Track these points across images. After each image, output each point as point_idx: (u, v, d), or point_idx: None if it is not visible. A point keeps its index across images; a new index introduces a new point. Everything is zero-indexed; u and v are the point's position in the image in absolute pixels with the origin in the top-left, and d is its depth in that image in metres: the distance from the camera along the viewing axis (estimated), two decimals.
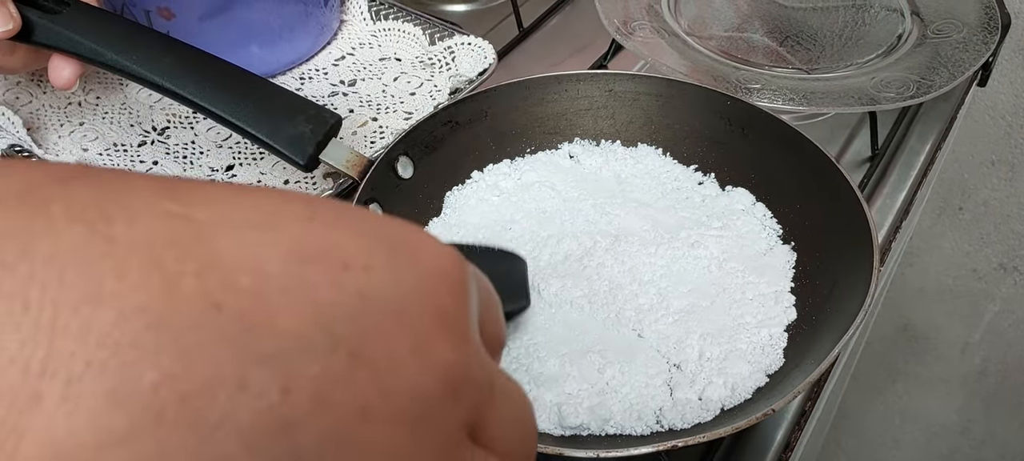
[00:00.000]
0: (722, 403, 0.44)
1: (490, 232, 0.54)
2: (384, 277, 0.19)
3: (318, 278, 0.18)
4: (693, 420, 0.44)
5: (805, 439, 0.55)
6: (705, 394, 0.45)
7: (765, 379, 0.46)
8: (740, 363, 0.46)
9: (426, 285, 0.20)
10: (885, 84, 0.64)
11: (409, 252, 0.20)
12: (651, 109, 0.60)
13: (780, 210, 0.55)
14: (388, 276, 0.19)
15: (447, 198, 0.57)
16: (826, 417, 0.96)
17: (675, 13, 0.74)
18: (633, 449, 0.40)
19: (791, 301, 0.50)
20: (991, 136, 1.01)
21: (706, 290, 0.50)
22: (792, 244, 0.53)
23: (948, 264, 1.15)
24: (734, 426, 0.40)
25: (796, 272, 0.52)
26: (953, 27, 0.69)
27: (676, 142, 0.59)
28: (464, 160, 0.58)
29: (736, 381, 0.45)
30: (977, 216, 1.09)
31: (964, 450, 1.33)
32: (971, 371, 1.23)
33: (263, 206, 0.19)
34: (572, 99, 0.59)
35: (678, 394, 0.45)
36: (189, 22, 0.65)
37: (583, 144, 0.60)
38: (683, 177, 0.58)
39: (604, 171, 0.58)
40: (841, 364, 0.70)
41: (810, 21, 0.74)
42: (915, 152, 0.69)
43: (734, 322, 0.49)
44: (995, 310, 1.15)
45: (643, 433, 0.43)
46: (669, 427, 0.43)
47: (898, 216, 0.64)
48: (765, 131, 0.56)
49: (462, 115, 0.57)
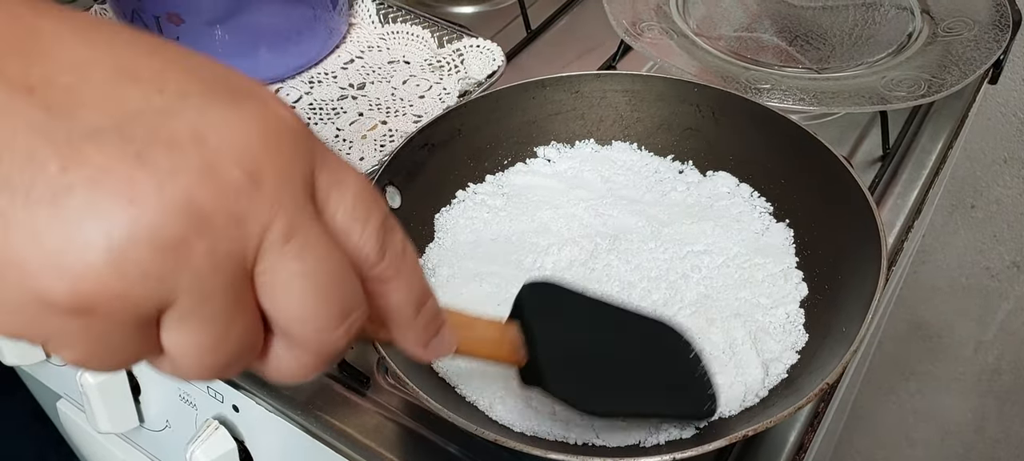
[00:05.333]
0: (761, 384, 0.45)
1: (487, 249, 0.54)
2: (197, 103, 0.22)
3: (133, 92, 0.22)
4: (736, 406, 0.45)
5: (818, 440, 0.54)
6: (741, 378, 0.45)
7: (796, 356, 0.47)
8: (769, 343, 0.47)
9: (238, 122, 0.23)
10: (896, 83, 0.64)
11: (235, 94, 0.23)
12: (620, 105, 0.60)
13: (765, 188, 0.56)
14: (202, 103, 0.22)
15: (437, 221, 0.56)
16: (839, 417, 0.96)
17: (684, 13, 0.73)
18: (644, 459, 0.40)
19: (800, 277, 0.51)
20: (1003, 134, 1.00)
21: (715, 277, 0.51)
22: (787, 221, 0.54)
23: (961, 262, 1.14)
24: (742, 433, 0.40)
25: (797, 247, 0.53)
26: (964, 25, 0.69)
27: (649, 135, 0.60)
28: (447, 180, 0.58)
29: (768, 361, 0.46)
30: (989, 214, 1.08)
31: (979, 448, 1.32)
32: (985, 369, 1.23)
33: (112, 34, 0.23)
34: (540, 105, 0.59)
35: (720, 380, 0.45)
36: (198, 27, 0.65)
37: (559, 148, 0.60)
38: (663, 168, 0.58)
39: (586, 173, 0.58)
40: (854, 364, 0.69)
41: (820, 20, 0.73)
42: (926, 151, 0.68)
43: (750, 305, 0.50)
44: (1008, 308, 1.15)
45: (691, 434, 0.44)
46: (718, 416, 0.44)
47: (910, 215, 0.63)
48: (737, 113, 0.57)
49: (437, 136, 0.56)
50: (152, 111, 0.22)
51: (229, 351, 0.24)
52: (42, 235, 0.21)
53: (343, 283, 0.25)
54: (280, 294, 0.24)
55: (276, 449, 0.55)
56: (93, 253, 0.21)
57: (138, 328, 0.23)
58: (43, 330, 0.22)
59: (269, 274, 0.24)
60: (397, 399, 0.51)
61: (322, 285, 0.24)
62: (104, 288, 0.21)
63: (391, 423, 0.50)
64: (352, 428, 0.50)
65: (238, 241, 0.23)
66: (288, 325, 0.25)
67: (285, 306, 0.24)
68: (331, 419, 0.50)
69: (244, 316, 0.24)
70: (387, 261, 0.27)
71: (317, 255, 0.24)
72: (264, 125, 0.23)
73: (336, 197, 0.25)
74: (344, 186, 0.25)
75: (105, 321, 0.22)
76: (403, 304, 0.29)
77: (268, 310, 0.24)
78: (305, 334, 0.25)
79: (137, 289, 0.21)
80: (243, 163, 0.22)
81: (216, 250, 0.22)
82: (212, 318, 0.23)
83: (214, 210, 0.22)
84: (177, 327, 0.23)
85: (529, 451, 0.40)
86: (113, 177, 0.21)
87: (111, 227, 0.21)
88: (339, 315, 0.25)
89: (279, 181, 0.23)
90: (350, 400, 0.51)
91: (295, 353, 0.26)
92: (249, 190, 0.22)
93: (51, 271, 0.21)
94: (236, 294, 0.23)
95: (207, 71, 0.24)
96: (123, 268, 0.21)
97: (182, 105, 0.22)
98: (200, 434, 0.55)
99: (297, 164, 0.24)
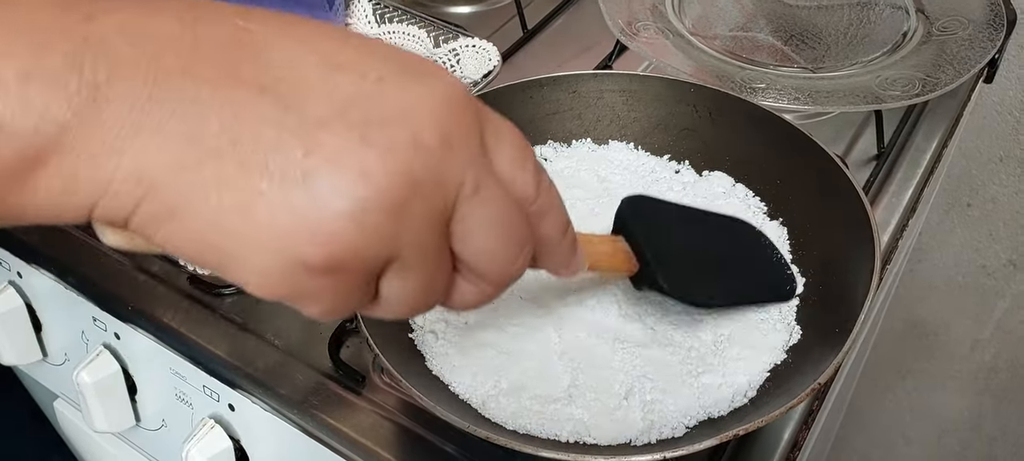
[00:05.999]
0: (753, 384, 0.45)
1: None
2: (393, 86, 0.27)
3: (341, 80, 0.26)
4: (725, 407, 0.44)
5: (813, 438, 0.55)
6: (732, 378, 0.46)
7: (789, 355, 0.47)
8: (762, 341, 0.47)
9: (426, 98, 0.27)
10: (890, 82, 0.64)
11: (417, 73, 0.27)
12: (616, 105, 0.60)
13: (761, 188, 0.56)
14: (396, 85, 0.27)
15: None
16: (835, 415, 0.96)
17: (679, 13, 0.74)
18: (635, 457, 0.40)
19: (794, 271, 0.51)
20: (998, 132, 1.01)
21: None
22: (781, 220, 0.54)
23: (957, 261, 1.14)
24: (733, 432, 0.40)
25: (792, 245, 0.53)
26: (958, 24, 0.69)
27: (645, 135, 0.60)
28: None
29: (761, 360, 0.46)
30: (986, 212, 1.08)
31: (975, 446, 1.32)
32: (982, 367, 1.23)
33: (308, 30, 0.27)
34: (537, 105, 0.59)
35: (705, 379, 0.45)
36: None
37: (556, 147, 0.60)
38: (660, 168, 0.59)
39: (583, 172, 0.58)
40: (849, 363, 0.70)
41: (815, 20, 0.73)
42: (921, 150, 0.68)
43: None
44: (1005, 306, 1.15)
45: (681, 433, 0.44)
46: (707, 416, 0.44)
47: (905, 214, 0.64)
48: (734, 113, 0.57)
49: None
50: (362, 97, 0.26)
51: (434, 291, 0.29)
52: (298, 210, 0.25)
53: (518, 221, 0.30)
54: (472, 238, 0.29)
55: (272, 448, 0.55)
56: (341, 221, 0.25)
57: (369, 281, 0.27)
58: (301, 290, 0.26)
59: (463, 222, 0.28)
60: (393, 398, 0.51)
61: (505, 225, 0.29)
62: (350, 249, 0.25)
63: (387, 422, 0.50)
64: (348, 427, 0.50)
65: (442, 198, 0.27)
66: (478, 263, 0.30)
67: (477, 247, 0.29)
68: (327, 418, 0.50)
69: (446, 261, 0.29)
70: (542, 197, 0.31)
71: (497, 201, 0.29)
72: (446, 97, 0.27)
73: (500, 149, 0.30)
74: (503, 138, 0.30)
75: (350, 277, 0.26)
76: (555, 231, 0.33)
77: (461, 253, 0.29)
78: (492, 269, 0.30)
79: (375, 248, 0.26)
80: (438, 131, 0.27)
81: (429, 208, 0.27)
82: (425, 265, 0.28)
83: (424, 175, 0.26)
84: (397, 276, 0.28)
85: (520, 448, 0.41)
86: (347, 157, 0.25)
87: (352, 198, 0.25)
88: (517, 248, 0.30)
89: (465, 143, 0.28)
90: (346, 399, 0.51)
91: (480, 286, 0.31)
92: (445, 154, 0.27)
93: (308, 239, 0.25)
94: (441, 242, 0.28)
95: (391, 55, 0.28)
96: (364, 231, 0.25)
97: (383, 88, 0.26)
98: (196, 433, 0.55)
99: (473, 126, 0.28)
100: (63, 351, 0.67)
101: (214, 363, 0.54)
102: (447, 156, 0.27)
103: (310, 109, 0.25)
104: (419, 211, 0.26)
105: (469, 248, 0.29)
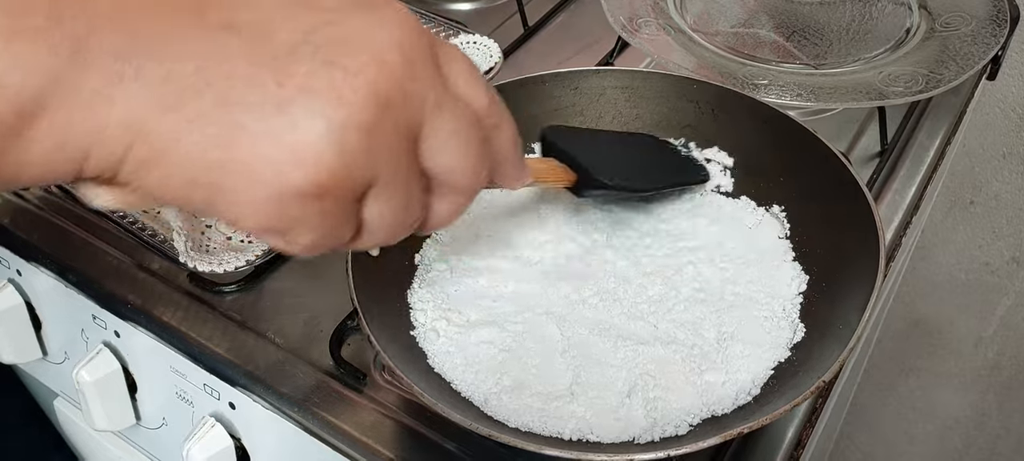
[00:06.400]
0: (756, 381, 0.45)
1: (485, 244, 0.53)
2: (351, 15, 0.28)
3: (301, 13, 0.28)
4: (729, 404, 0.44)
5: (816, 436, 0.54)
6: (735, 375, 0.45)
7: (792, 353, 0.47)
8: (766, 338, 0.47)
9: (385, 22, 0.29)
10: (893, 79, 0.64)
11: (371, 3, 0.29)
12: (618, 101, 0.60)
13: (763, 184, 0.56)
14: (354, 14, 0.28)
15: None
16: (838, 413, 0.96)
17: (681, 9, 0.73)
18: (638, 455, 0.40)
19: (797, 272, 0.51)
20: (1002, 129, 1.00)
21: (711, 273, 0.51)
22: (784, 217, 0.54)
23: (960, 258, 1.14)
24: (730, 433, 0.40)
25: (794, 242, 0.53)
26: (961, 20, 0.69)
27: (647, 131, 0.59)
28: None
29: (765, 357, 0.46)
30: (989, 210, 1.08)
31: (979, 444, 1.32)
32: (985, 365, 1.22)
33: None
34: (539, 101, 0.59)
35: (708, 377, 0.45)
36: None
37: None
38: None
39: None
40: (852, 360, 0.69)
41: (817, 15, 0.73)
42: (924, 147, 0.68)
43: (746, 300, 0.50)
44: (1008, 303, 1.14)
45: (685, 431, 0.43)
46: (711, 413, 0.44)
47: (908, 211, 0.63)
48: (736, 110, 0.57)
49: None
50: (324, 25, 0.28)
51: (412, 211, 0.31)
52: (279, 138, 0.26)
53: (478, 134, 0.32)
54: (439, 151, 0.31)
55: (273, 446, 0.55)
56: (321, 144, 0.26)
57: (353, 205, 0.29)
58: (288, 218, 0.27)
59: (432, 137, 0.30)
60: (394, 396, 0.51)
61: (468, 138, 0.32)
62: (333, 173, 0.27)
63: (388, 420, 0.50)
64: (349, 425, 0.49)
65: (409, 115, 0.29)
66: (448, 175, 0.32)
67: (445, 160, 0.31)
68: (328, 416, 0.50)
69: (419, 179, 0.31)
70: (495, 111, 0.34)
71: (459, 115, 0.31)
72: (401, 22, 0.29)
73: (453, 68, 0.32)
74: (455, 59, 0.32)
75: (334, 202, 0.28)
76: (507, 142, 0.35)
77: (432, 168, 0.31)
78: (461, 179, 0.32)
79: (356, 170, 0.27)
80: (399, 52, 0.28)
81: (399, 125, 0.28)
82: (403, 184, 0.30)
83: (392, 92, 0.28)
84: (377, 200, 0.29)
85: (523, 446, 0.40)
86: (318, 82, 0.26)
87: (329, 120, 0.26)
88: (480, 158, 0.33)
89: (424, 62, 0.29)
90: (347, 397, 0.51)
91: (451, 199, 0.33)
92: (408, 71, 0.28)
93: (292, 165, 0.26)
94: (412, 160, 0.30)
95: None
96: (344, 153, 0.27)
97: (342, 17, 0.28)
98: (197, 431, 0.55)
99: (428, 48, 0.30)
100: (63, 349, 0.67)
101: (215, 361, 0.54)
102: (410, 74, 0.28)
103: (276, 42, 0.27)
104: (391, 128, 0.28)
105: (439, 162, 0.31)
